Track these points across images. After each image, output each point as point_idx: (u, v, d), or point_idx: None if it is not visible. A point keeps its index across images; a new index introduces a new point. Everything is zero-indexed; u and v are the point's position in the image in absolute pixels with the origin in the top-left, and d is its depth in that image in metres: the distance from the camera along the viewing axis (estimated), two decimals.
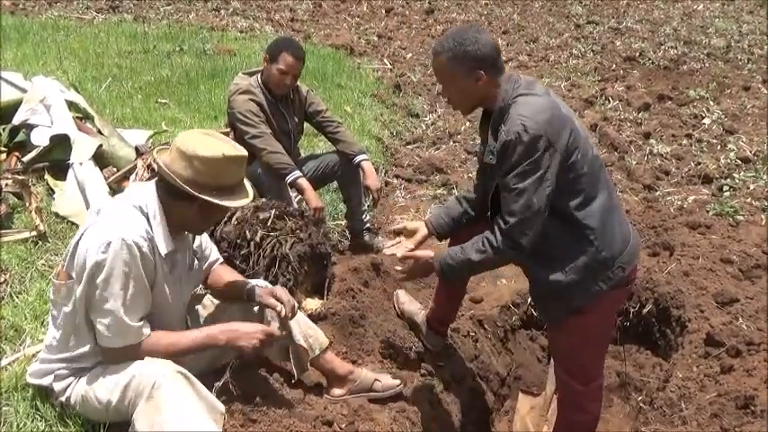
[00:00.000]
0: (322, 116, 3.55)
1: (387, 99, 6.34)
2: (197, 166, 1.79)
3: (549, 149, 1.94)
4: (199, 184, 1.80)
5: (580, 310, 2.12)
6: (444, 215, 2.48)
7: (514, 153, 1.95)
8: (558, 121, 1.99)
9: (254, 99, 3.24)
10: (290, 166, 3.21)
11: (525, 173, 1.95)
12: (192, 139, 1.83)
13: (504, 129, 1.98)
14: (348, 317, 2.73)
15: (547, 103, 2.02)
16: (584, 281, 2.08)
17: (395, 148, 5.37)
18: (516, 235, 2.00)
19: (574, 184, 2.02)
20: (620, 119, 6.07)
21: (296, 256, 2.75)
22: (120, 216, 1.80)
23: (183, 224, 1.91)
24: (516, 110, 1.98)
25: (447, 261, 2.17)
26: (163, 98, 5.48)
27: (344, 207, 3.85)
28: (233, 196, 1.87)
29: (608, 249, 2.07)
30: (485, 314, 3.27)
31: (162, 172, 1.83)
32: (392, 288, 3.17)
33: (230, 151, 1.84)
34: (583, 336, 2.19)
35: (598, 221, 2.06)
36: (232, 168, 1.85)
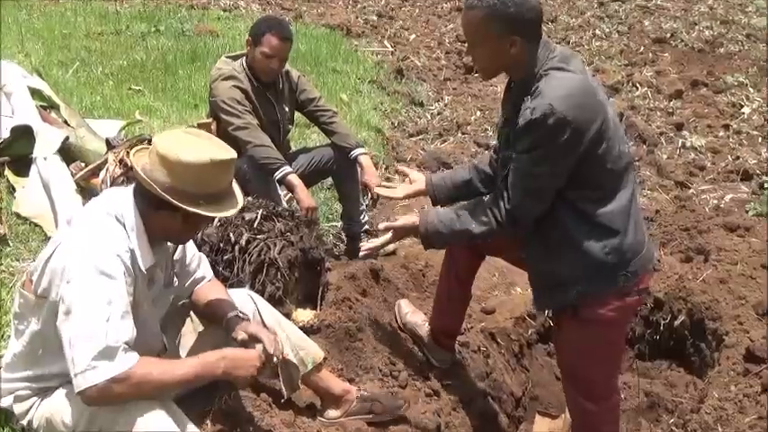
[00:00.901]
0: (315, 105, 3.54)
1: (387, 86, 6.34)
2: (180, 172, 1.77)
3: (573, 138, 1.95)
4: (182, 192, 1.78)
5: (578, 305, 2.15)
6: (448, 179, 2.48)
7: (536, 134, 1.95)
8: (590, 108, 1.98)
9: (238, 86, 3.24)
10: (279, 161, 3.21)
11: (542, 158, 1.97)
12: (174, 142, 1.81)
13: (530, 104, 1.96)
14: (344, 330, 2.73)
15: (582, 85, 2.01)
16: (582, 278, 2.11)
17: (396, 141, 5.37)
18: (520, 215, 2.07)
19: (595, 178, 2.04)
20: (650, 108, 6.08)
21: (285, 261, 2.75)
22: (96, 227, 1.79)
23: (164, 235, 1.91)
24: (547, 85, 1.95)
25: (436, 227, 2.18)
26: (137, 85, 5.47)
27: (340, 207, 3.85)
28: (221, 205, 1.85)
29: (616, 254, 2.09)
30: (497, 326, 3.27)
31: (140, 179, 1.81)
32: (393, 297, 3.17)
33: (218, 155, 1.81)
34: (585, 345, 2.21)
35: (613, 222, 2.08)
36: (220, 174, 1.83)
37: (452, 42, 7.98)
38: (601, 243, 2.08)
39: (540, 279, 2.25)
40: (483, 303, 3.45)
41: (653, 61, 7.39)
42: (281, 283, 2.72)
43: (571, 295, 2.14)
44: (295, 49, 5.94)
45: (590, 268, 2.09)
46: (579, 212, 2.06)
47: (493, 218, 2.09)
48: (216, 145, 1.86)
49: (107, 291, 1.71)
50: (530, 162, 1.99)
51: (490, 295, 3.52)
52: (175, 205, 1.78)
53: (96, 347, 1.66)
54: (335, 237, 3.92)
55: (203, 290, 2.17)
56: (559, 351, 2.37)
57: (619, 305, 2.15)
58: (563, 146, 1.94)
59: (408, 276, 3.42)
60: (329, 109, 3.61)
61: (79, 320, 1.68)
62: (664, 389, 3.27)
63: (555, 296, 2.19)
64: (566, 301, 2.16)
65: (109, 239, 1.76)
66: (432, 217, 2.19)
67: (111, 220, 1.81)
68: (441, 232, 2.17)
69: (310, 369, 2.30)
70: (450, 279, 2.67)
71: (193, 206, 1.79)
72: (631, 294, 2.17)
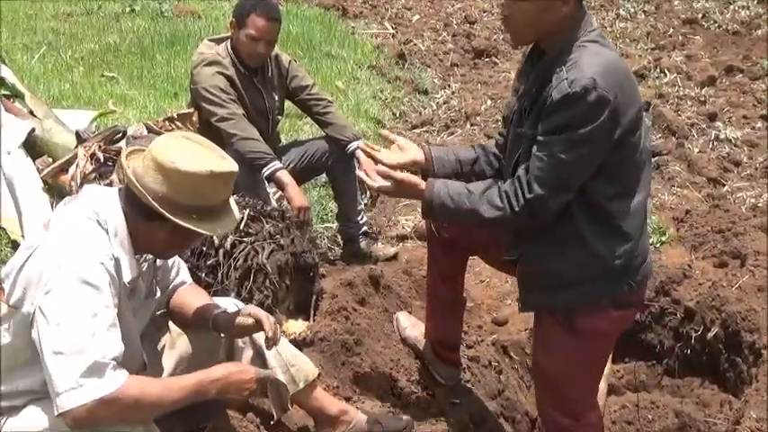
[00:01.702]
0: (308, 93, 3.54)
1: (388, 72, 6.34)
2: (175, 181, 1.78)
3: (611, 120, 1.92)
4: (175, 203, 1.79)
5: (571, 314, 2.14)
6: (452, 153, 2.42)
7: (572, 111, 1.91)
8: (629, 91, 1.98)
9: (222, 72, 3.25)
10: (267, 156, 3.21)
11: (574, 142, 1.93)
12: (172, 147, 1.82)
13: (567, 76, 1.92)
14: (340, 343, 2.73)
15: (622, 65, 2.00)
16: (585, 283, 2.10)
17: (398, 133, 5.36)
18: (540, 208, 2.01)
19: (617, 170, 2.03)
20: (679, 96, 6.07)
21: (275, 266, 2.75)
22: (77, 231, 1.79)
23: (149, 247, 1.92)
24: (588, 58, 1.93)
25: (442, 199, 2.12)
26: (110, 71, 5.48)
27: (335, 206, 3.85)
28: (215, 221, 1.87)
29: (626, 259, 2.09)
30: (510, 339, 3.27)
31: (130, 184, 1.82)
32: (395, 307, 3.17)
33: (219, 166, 1.84)
34: (573, 357, 2.21)
35: (627, 224, 2.08)
36: (219, 187, 1.86)
37: (460, 23, 7.97)
38: (612, 245, 2.07)
39: (534, 278, 2.21)
40: (494, 313, 3.44)
41: (683, 44, 7.39)
42: (269, 291, 2.72)
43: (570, 298, 2.12)
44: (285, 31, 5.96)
45: (597, 271, 2.09)
46: (594, 208, 2.06)
47: (508, 205, 2.04)
48: (217, 155, 1.88)
49: (91, 302, 1.71)
50: (560, 145, 1.94)
51: (502, 304, 3.51)
52: (165, 217, 1.79)
53: (83, 364, 1.65)
54: (331, 239, 3.92)
55: (182, 294, 2.19)
56: (539, 357, 2.34)
57: (617, 316, 2.16)
58: (599, 128, 1.92)
59: (411, 283, 3.41)
60: (323, 98, 3.61)
61: (62, 335, 1.67)
62: (695, 408, 3.26)
63: (551, 297, 2.16)
64: (562, 304, 2.15)
65: (91, 245, 1.77)
66: (440, 186, 2.14)
67: (92, 224, 1.81)
68: (446, 205, 2.12)
69: (302, 387, 2.30)
70: (435, 279, 2.65)
71: (185, 220, 1.80)
72: (631, 306, 2.18)
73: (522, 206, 2.03)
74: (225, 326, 2.10)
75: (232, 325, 2.08)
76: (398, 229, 4.15)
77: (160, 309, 2.19)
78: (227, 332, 2.12)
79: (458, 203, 2.11)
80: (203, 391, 1.85)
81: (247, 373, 1.94)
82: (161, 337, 2.20)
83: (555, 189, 1.99)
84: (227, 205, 1.94)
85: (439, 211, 2.15)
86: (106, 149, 3.25)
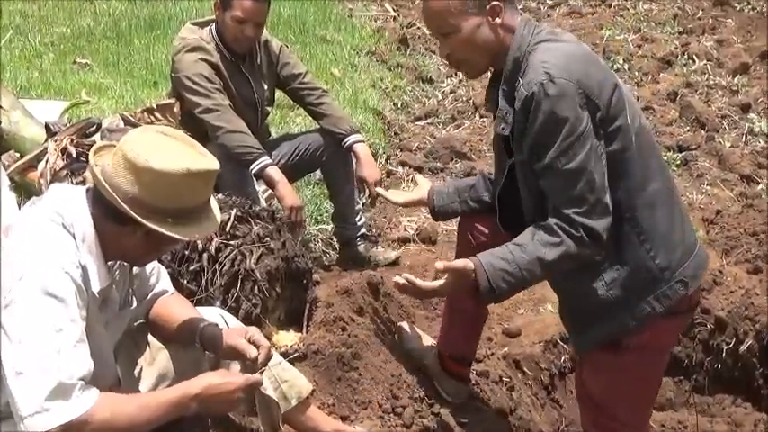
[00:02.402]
0: (300, 82, 3.55)
1: (389, 58, 6.35)
2: (148, 181, 1.76)
3: (587, 105, 1.95)
4: (148, 206, 1.77)
5: (620, 339, 2.13)
6: (451, 184, 2.53)
7: (539, 113, 1.95)
8: (596, 72, 2.01)
9: (206, 59, 3.25)
10: (256, 151, 3.21)
11: (572, 147, 1.95)
12: (144, 144, 1.80)
13: (522, 83, 1.99)
14: (336, 356, 2.73)
15: (579, 50, 2.05)
16: (631, 298, 2.09)
17: (400, 126, 5.37)
18: (592, 224, 1.99)
19: (617, 161, 2.03)
20: (709, 85, 6.08)
21: (264, 272, 2.74)
22: (39, 236, 1.77)
23: (120, 253, 1.90)
24: (538, 57, 2.00)
25: (499, 267, 2.02)
26: (83, 57, 5.48)
27: (331, 206, 3.85)
28: (192, 225, 1.85)
29: (664, 255, 2.09)
30: (523, 352, 3.27)
31: (98, 184, 1.79)
32: (397, 317, 3.17)
33: (197, 164, 1.81)
34: (618, 375, 2.20)
35: (650, 216, 2.07)
36: (197, 188, 1.84)
37: None
38: (644, 245, 2.07)
39: (575, 312, 2.22)
40: (505, 323, 3.44)
41: (713, 28, 7.39)
42: (258, 300, 2.72)
43: (621, 322, 2.10)
44: (275, 13, 5.96)
45: (638, 281, 2.08)
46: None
47: (566, 235, 2.00)
48: (196, 152, 1.86)
49: (56, 316, 1.69)
50: (557, 159, 1.96)
51: (514, 314, 3.51)
52: (137, 220, 1.77)
53: (48, 385, 1.65)
54: (326, 243, 3.92)
55: (164, 305, 2.17)
56: (587, 382, 2.34)
57: (666, 326, 2.15)
58: (580, 118, 1.94)
59: None
60: (318, 87, 3.61)
61: (24, 353, 1.66)
62: (727, 429, 3.26)
63: (602, 328, 2.14)
64: (615, 332, 2.12)
65: (55, 252, 1.75)
66: (488, 256, 2.08)
67: (57, 228, 1.78)
68: (506, 271, 2.03)
69: (295, 405, 2.30)
70: (461, 293, 2.65)
71: (159, 224, 1.78)
72: (682, 311, 2.16)
73: (579, 233, 2.00)
74: (212, 343, 2.07)
75: (221, 343, 2.05)
76: (400, 231, 4.16)
77: (138, 319, 2.18)
78: (215, 351, 2.09)
79: (515, 261, 2.03)
80: (183, 407, 1.84)
81: (231, 384, 1.90)
82: (139, 351, 2.19)
83: (590, 200, 1.98)
84: (208, 207, 1.91)
85: (502, 283, 2.05)
86: (79, 144, 3.25)
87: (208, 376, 1.93)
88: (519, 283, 2.07)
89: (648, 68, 6.39)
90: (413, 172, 4.77)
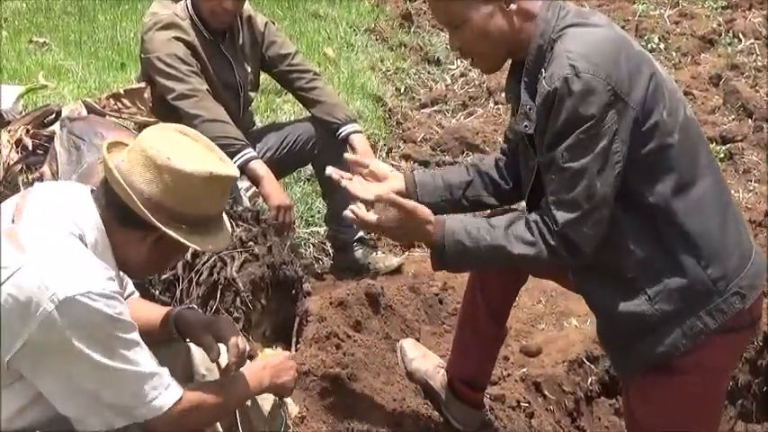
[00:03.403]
0: (289, 63, 3.55)
1: (390, 37, 6.35)
2: (168, 182, 1.82)
3: (615, 104, 1.96)
4: (164, 209, 1.83)
5: (670, 360, 2.13)
6: (439, 177, 2.47)
7: (562, 111, 1.96)
8: (627, 62, 2.01)
9: (181, 37, 3.25)
10: (238, 142, 3.22)
11: (581, 143, 1.97)
12: (166, 141, 1.86)
13: (545, 76, 2.01)
14: (330, 378, 2.73)
15: (610, 36, 2.05)
16: (681, 314, 2.09)
17: (403, 114, 5.37)
18: (576, 236, 2.02)
19: (657, 160, 2.04)
20: (757, 67, 6.07)
21: (248, 282, 2.75)
22: (64, 254, 1.77)
23: (121, 260, 1.93)
24: (563, 46, 2.00)
25: (458, 236, 2.11)
26: (40, 35, 5.48)
27: (324, 205, 3.85)
28: (207, 234, 1.91)
29: (717, 264, 2.08)
30: (544, 373, 3.26)
31: (114, 183, 1.84)
32: (399, 332, 3.17)
33: (220, 168, 1.88)
34: (671, 402, 2.19)
35: (699, 220, 2.07)
36: (215, 193, 1.91)
37: None
38: (693, 252, 2.07)
39: (616, 332, 2.21)
40: (524, 340, 3.44)
41: (761, 2, 7.38)
42: (241, 313, 2.73)
43: (670, 344, 2.10)
44: None
45: (687, 295, 2.08)
46: (647, 216, 2.06)
47: (541, 239, 2.05)
48: (217, 156, 1.92)
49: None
50: (568, 153, 1.98)
51: (534, 329, 3.51)
52: (151, 224, 1.82)
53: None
54: (318, 248, 3.92)
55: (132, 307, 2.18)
56: (638, 414, 2.31)
57: (724, 344, 2.14)
58: (604, 118, 1.95)
59: (419, 303, 3.41)
60: (309, 69, 3.61)
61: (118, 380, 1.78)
62: None
63: (645, 351, 2.14)
64: (663, 354, 2.12)
65: (92, 277, 1.76)
66: (453, 222, 2.16)
67: (74, 241, 1.80)
68: (463, 244, 2.12)
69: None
70: (478, 309, 2.66)
71: (174, 230, 1.83)
72: (741, 327, 2.15)
73: (556, 240, 2.04)
74: (187, 330, 2.12)
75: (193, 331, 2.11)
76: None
77: None
78: (194, 332, 2.12)
79: (477, 240, 2.10)
80: (257, 382, 2.07)
81: (280, 353, 2.21)
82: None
83: (584, 207, 2.00)
84: (221, 218, 1.98)
85: (453, 253, 2.13)
86: (36, 134, 3.24)
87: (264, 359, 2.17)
88: (472, 260, 2.18)
89: (687, 48, 6.38)
90: (417, 167, 4.77)
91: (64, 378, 1.76)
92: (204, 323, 2.12)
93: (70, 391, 1.77)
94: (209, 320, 2.17)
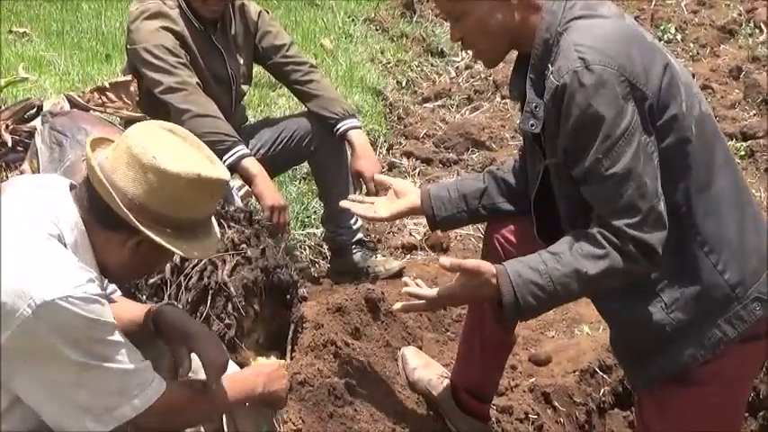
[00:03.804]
0: (284, 55, 3.55)
1: (391, 26, 6.35)
2: (153, 183, 1.82)
3: (631, 93, 1.96)
4: (148, 211, 1.83)
5: (687, 372, 2.13)
6: (453, 188, 2.50)
7: (573, 107, 1.96)
8: (640, 54, 2.01)
9: (169, 27, 3.26)
10: (230, 139, 3.22)
11: (612, 144, 1.95)
12: (151, 139, 1.86)
13: (552, 70, 2.01)
14: (327, 388, 2.73)
15: (620, 28, 2.06)
16: (698, 322, 2.09)
17: (405, 108, 5.37)
18: (646, 237, 1.99)
19: (674, 157, 2.04)
20: None
21: (240, 286, 2.75)
22: (43, 256, 1.77)
23: (103, 265, 1.93)
24: (570, 39, 2.01)
25: (526, 276, 2.05)
26: (20, 25, 5.48)
27: (321, 206, 3.85)
28: (193, 240, 1.91)
29: (735, 268, 2.08)
30: (553, 383, 3.26)
31: (96, 182, 1.83)
32: (400, 340, 3.17)
33: (210, 170, 1.88)
34: (688, 415, 2.19)
35: (716, 221, 2.07)
36: (204, 197, 1.91)
37: None
38: (709, 256, 2.07)
39: (630, 343, 2.22)
40: (532, 348, 3.44)
41: None
42: (232, 320, 2.72)
43: (687, 354, 2.11)
44: None
45: (705, 302, 2.08)
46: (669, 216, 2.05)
47: (612, 246, 2.01)
48: (205, 156, 1.92)
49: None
50: (601, 161, 1.96)
51: (543, 336, 3.51)
52: (133, 226, 1.81)
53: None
54: (314, 250, 3.92)
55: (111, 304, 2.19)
56: (644, 424, 2.33)
57: (745, 353, 2.14)
58: (623, 110, 1.94)
59: None
60: (305, 61, 3.62)
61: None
62: None
63: (661, 362, 2.14)
64: (680, 365, 2.12)
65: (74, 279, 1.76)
66: (515, 264, 2.10)
67: (52, 242, 1.80)
68: (535, 282, 2.05)
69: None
70: (485, 315, 2.66)
71: (157, 233, 1.83)
72: (762, 335, 2.14)
73: (630, 245, 2.00)
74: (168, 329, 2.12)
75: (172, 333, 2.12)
76: (404, 236, 4.15)
77: None
78: (169, 337, 2.13)
79: (548, 273, 2.05)
80: (250, 388, 2.16)
81: (272, 362, 2.24)
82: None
83: (642, 208, 1.98)
84: (209, 223, 1.99)
85: (530, 298, 2.07)
86: (15, 130, 3.24)
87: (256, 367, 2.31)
88: (550, 299, 2.09)
89: (706, 39, 6.39)
90: (420, 165, 4.77)
91: (42, 381, 1.77)
92: (181, 333, 2.11)
93: (49, 395, 1.78)
94: (187, 332, 2.13)
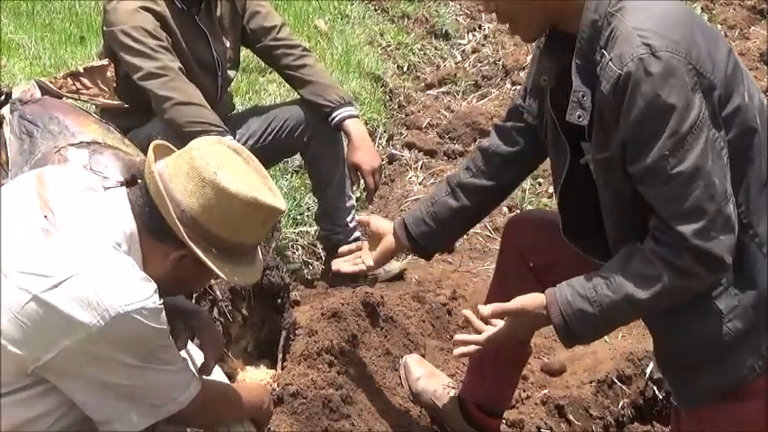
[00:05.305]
0: (274, 37, 3.56)
1: (392, 6, 6.34)
2: (210, 198, 1.89)
3: (699, 84, 1.94)
4: (198, 227, 1.90)
5: (742, 387, 2.13)
6: (431, 220, 2.59)
7: (638, 98, 1.94)
8: (704, 36, 2.00)
9: (149, 7, 3.25)
10: (215, 128, 3.22)
11: (680, 140, 1.93)
12: (217, 156, 1.93)
13: (610, 57, 1.97)
14: (322, 400, 2.74)
15: (678, 7, 2.04)
16: (755, 331, 2.09)
17: (406, 95, 5.37)
18: (710, 245, 1.97)
19: (739, 149, 2.03)
20: None
21: (226, 289, 2.77)
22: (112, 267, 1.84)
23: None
24: (628, 22, 1.98)
25: (577, 306, 2.10)
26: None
27: (315, 202, 3.86)
28: (237, 265, 1.98)
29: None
30: (568, 395, 3.27)
31: (152, 188, 1.90)
32: (401, 348, 3.17)
33: (266, 196, 1.95)
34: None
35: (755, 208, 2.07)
36: (256, 223, 1.98)
37: None
38: (765, 259, 2.07)
39: (679, 356, 2.20)
40: (545, 358, 3.44)
41: None
42: (219, 325, 2.72)
43: (745, 367, 2.10)
44: None
45: (763, 309, 2.07)
46: None
47: (665, 266, 2.00)
48: (266, 184, 1.99)
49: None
50: (667, 158, 1.93)
51: (556, 344, 3.50)
52: (181, 239, 1.87)
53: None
54: (307, 250, 3.92)
55: None
56: None
57: None
58: (692, 102, 1.92)
59: (424, 314, 3.42)
60: (297, 44, 3.62)
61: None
62: None
63: (716, 377, 2.13)
64: (737, 379, 2.12)
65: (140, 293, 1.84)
66: (565, 291, 2.13)
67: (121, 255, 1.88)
68: (586, 311, 2.09)
69: None
70: None
71: (203, 251, 1.90)
72: None
73: (686, 259, 1.99)
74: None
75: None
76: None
77: None
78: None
79: (599, 302, 2.07)
80: (259, 399, 2.26)
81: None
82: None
83: (710, 211, 1.96)
84: (255, 252, 2.06)
85: (579, 323, 2.10)
86: None
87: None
88: (606, 326, 2.18)
89: (735, 20, 6.38)
90: (422, 157, 4.77)
91: (98, 385, 1.87)
92: (177, 307, 2.18)
93: (103, 396, 1.88)
94: (183, 308, 2.24)
